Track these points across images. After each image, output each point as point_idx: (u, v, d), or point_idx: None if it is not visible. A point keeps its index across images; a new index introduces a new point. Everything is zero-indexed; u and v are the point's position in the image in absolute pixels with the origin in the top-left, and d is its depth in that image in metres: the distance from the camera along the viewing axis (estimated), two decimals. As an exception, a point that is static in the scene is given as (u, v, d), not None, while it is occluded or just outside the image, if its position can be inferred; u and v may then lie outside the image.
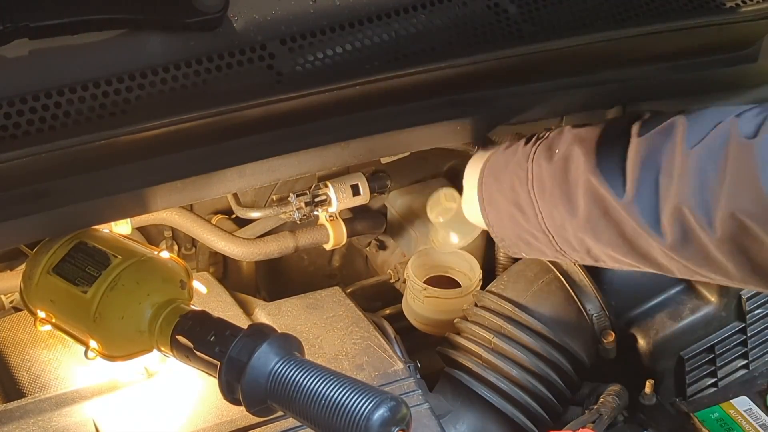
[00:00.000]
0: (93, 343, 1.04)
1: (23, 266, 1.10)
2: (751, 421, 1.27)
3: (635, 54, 1.22)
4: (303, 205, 1.33)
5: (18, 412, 1.04)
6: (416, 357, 1.20)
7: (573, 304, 1.29)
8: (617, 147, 0.98)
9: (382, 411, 0.85)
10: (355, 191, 1.36)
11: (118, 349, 1.04)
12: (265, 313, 1.24)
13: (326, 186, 1.35)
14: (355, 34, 1.08)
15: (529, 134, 1.12)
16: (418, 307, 1.42)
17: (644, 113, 1.02)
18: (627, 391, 1.23)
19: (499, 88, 1.14)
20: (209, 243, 1.38)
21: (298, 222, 1.35)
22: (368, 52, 1.08)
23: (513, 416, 1.22)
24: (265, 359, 0.91)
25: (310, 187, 1.35)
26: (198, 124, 0.99)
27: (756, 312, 1.34)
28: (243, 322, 1.06)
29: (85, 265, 1.03)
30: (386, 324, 1.26)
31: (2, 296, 1.31)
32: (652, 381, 1.24)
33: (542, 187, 1.05)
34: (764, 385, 1.33)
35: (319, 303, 1.25)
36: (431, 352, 1.32)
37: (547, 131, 1.10)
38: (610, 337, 1.28)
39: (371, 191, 1.38)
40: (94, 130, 0.95)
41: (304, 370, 0.90)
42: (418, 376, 1.15)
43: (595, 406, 1.20)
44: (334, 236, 1.40)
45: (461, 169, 1.22)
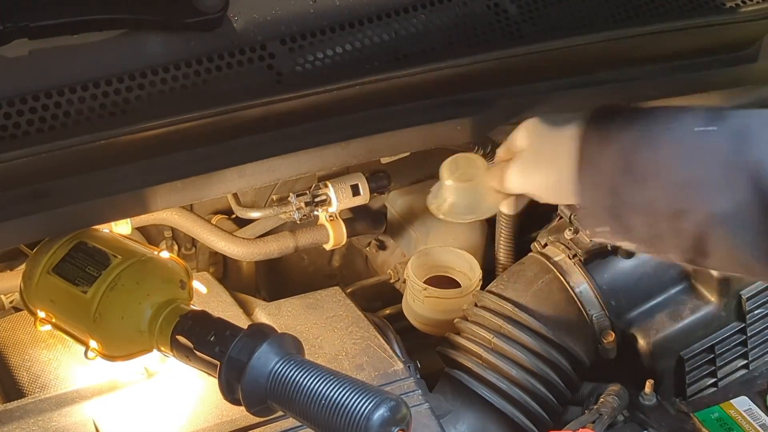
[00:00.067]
0: (93, 343, 1.04)
1: (23, 266, 1.10)
2: (751, 421, 1.26)
3: (635, 54, 1.22)
4: (303, 205, 1.33)
5: (18, 412, 1.04)
6: (416, 357, 1.20)
7: (573, 304, 1.29)
8: None
9: (382, 411, 0.85)
10: (355, 191, 1.36)
11: (118, 349, 1.04)
12: (265, 313, 1.23)
13: (326, 186, 1.35)
14: (355, 34, 1.08)
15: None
16: (418, 307, 1.42)
17: None
18: (627, 391, 1.23)
19: (499, 88, 1.14)
20: (209, 243, 1.38)
21: (298, 222, 1.35)
22: (368, 52, 1.08)
23: (513, 416, 1.22)
24: (265, 359, 0.91)
25: (310, 187, 1.36)
26: (198, 124, 0.99)
27: (756, 312, 1.34)
28: (243, 322, 1.06)
29: (85, 265, 1.03)
30: (386, 324, 1.26)
31: (2, 296, 1.31)
32: (652, 381, 1.24)
33: None
34: (764, 385, 1.33)
35: (319, 303, 1.25)
36: (431, 352, 1.31)
37: None
38: (610, 337, 1.28)
39: (371, 191, 1.38)
40: (94, 130, 0.95)
41: (304, 370, 0.90)
42: (418, 376, 1.15)
43: (595, 406, 1.20)
44: (334, 236, 1.40)
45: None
